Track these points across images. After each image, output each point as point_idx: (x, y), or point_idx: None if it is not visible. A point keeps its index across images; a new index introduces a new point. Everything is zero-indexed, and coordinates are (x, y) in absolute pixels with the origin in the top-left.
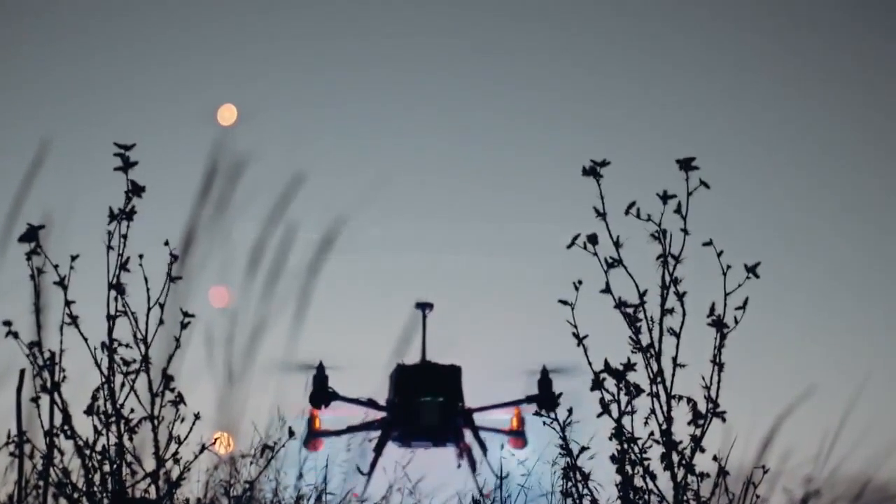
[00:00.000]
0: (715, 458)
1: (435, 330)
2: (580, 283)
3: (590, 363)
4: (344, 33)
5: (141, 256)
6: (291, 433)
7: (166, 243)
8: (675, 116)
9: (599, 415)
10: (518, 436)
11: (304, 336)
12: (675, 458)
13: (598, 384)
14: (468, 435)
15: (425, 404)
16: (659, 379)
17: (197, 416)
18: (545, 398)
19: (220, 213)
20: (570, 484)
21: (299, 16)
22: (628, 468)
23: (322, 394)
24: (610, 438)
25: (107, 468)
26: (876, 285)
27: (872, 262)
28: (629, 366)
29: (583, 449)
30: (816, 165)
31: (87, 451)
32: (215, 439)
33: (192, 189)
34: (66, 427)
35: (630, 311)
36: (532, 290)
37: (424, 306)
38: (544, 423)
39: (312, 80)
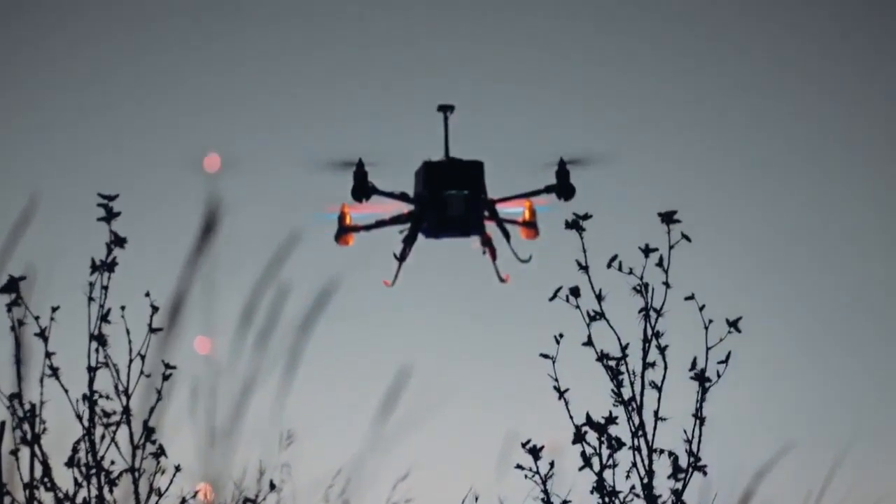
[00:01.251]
0: None
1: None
2: (561, 336)
3: (571, 417)
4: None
5: (123, 308)
6: (273, 486)
7: (147, 294)
8: (658, 170)
9: (581, 468)
10: (530, 227)
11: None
12: None
13: (579, 437)
14: (490, 225)
15: (451, 197)
16: (640, 432)
17: (178, 469)
18: (563, 186)
19: (206, 265)
20: None
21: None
22: None
23: (363, 188)
24: (591, 492)
25: None
26: (861, 341)
27: (857, 317)
28: (611, 419)
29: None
30: (802, 218)
31: None
32: (196, 492)
33: (175, 241)
34: (46, 479)
35: (612, 364)
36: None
37: (446, 108)
38: (525, 476)
39: (302, 134)
